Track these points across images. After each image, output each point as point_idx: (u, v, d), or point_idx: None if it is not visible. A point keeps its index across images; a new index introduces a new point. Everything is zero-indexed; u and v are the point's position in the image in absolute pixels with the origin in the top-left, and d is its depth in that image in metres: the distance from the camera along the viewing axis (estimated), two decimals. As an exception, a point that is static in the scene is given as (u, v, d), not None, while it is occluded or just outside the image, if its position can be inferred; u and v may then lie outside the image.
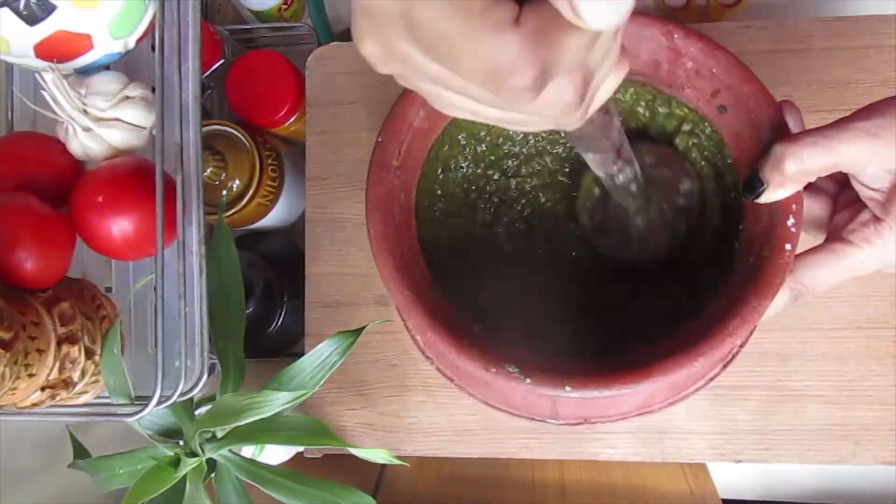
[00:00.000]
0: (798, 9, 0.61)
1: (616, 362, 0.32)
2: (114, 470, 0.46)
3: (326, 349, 0.47)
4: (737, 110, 0.35)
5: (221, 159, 0.57)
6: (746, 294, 0.32)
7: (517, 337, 0.35)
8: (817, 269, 0.32)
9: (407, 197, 0.38)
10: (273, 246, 0.69)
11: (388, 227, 0.36)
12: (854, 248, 0.31)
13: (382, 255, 0.35)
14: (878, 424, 0.48)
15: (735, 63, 0.35)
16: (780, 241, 0.32)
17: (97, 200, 0.40)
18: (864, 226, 0.31)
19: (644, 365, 0.31)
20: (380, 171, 0.36)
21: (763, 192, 0.32)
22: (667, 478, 0.63)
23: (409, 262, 0.36)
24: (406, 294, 0.34)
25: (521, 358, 0.33)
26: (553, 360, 0.33)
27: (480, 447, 0.51)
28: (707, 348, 0.31)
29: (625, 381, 0.31)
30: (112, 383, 0.42)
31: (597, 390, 0.31)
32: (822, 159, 0.30)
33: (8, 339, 0.35)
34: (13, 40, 0.38)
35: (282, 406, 0.43)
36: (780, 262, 0.32)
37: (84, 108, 0.41)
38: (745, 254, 0.34)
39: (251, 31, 0.68)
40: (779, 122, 0.33)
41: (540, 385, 0.32)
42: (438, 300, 0.36)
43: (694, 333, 0.32)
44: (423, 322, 0.34)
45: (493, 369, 0.32)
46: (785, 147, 0.30)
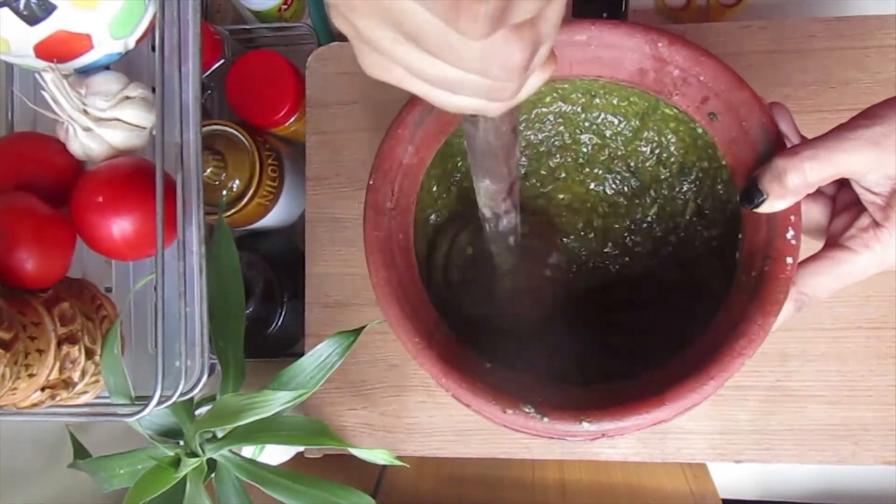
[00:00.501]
0: (798, 9, 0.61)
1: (629, 388, 0.32)
2: (114, 470, 0.46)
3: (326, 349, 0.47)
4: (728, 117, 0.35)
5: (221, 159, 0.57)
6: (752, 312, 0.32)
7: (527, 368, 0.35)
8: (818, 277, 0.32)
9: (405, 237, 0.38)
10: (273, 246, 0.69)
11: (390, 271, 0.36)
12: (854, 255, 0.31)
13: (388, 302, 0.35)
14: (878, 424, 0.48)
15: (723, 69, 0.34)
16: (781, 254, 0.32)
17: (97, 200, 0.40)
18: (864, 231, 0.31)
19: (657, 393, 0.32)
20: (375, 216, 0.36)
21: (762, 202, 0.32)
22: (667, 478, 0.63)
23: (414, 304, 0.36)
24: (416, 341, 0.34)
25: (534, 394, 0.33)
26: (566, 393, 0.33)
27: (480, 447, 0.52)
28: (717, 371, 0.31)
29: (639, 410, 0.31)
30: (112, 383, 0.42)
31: (612, 422, 0.32)
32: (824, 171, 0.29)
33: (8, 339, 0.35)
34: (13, 40, 0.38)
35: (282, 406, 0.43)
36: (783, 276, 0.32)
37: (84, 108, 0.41)
38: (747, 268, 0.34)
39: (251, 31, 0.68)
40: (771, 128, 0.33)
41: (557, 422, 0.32)
42: (447, 341, 0.36)
43: (702, 355, 0.32)
44: (434, 369, 0.34)
45: (510, 411, 0.33)
46: (786, 160, 0.30)
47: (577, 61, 0.36)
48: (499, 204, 0.31)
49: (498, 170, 0.28)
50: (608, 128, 0.42)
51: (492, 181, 0.29)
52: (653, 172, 0.42)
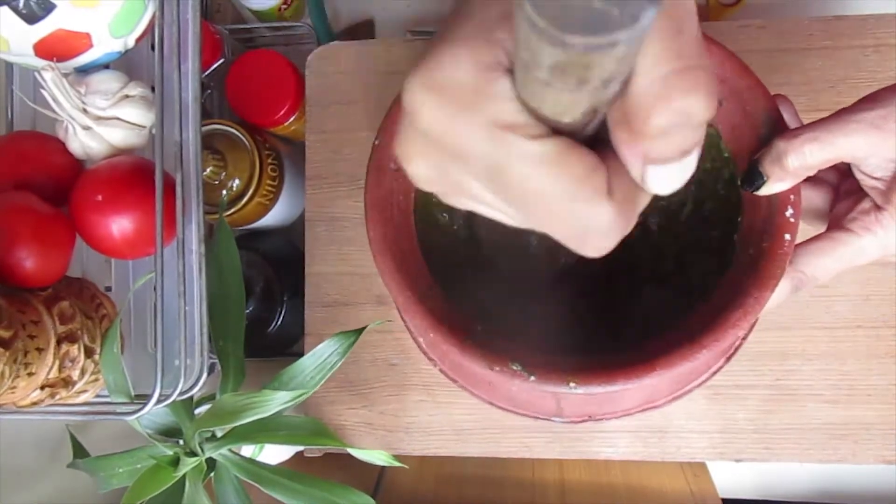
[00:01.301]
0: (798, 9, 0.61)
1: (619, 357, 0.32)
2: (113, 469, 0.46)
3: (327, 349, 0.47)
4: (732, 103, 0.35)
5: (221, 159, 0.57)
6: (748, 286, 0.32)
7: (520, 335, 0.35)
8: (818, 257, 0.32)
9: (406, 199, 0.38)
10: (273, 245, 0.69)
11: (387, 227, 0.36)
12: (854, 237, 0.31)
13: (382, 256, 0.35)
14: (878, 423, 0.48)
15: (729, 57, 0.34)
16: (780, 231, 0.32)
17: (97, 199, 0.40)
18: (865, 214, 0.31)
19: (648, 359, 0.31)
20: (378, 174, 0.36)
21: (762, 185, 0.32)
22: (667, 477, 0.63)
23: (409, 262, 0.36)
24: (407, 295, 0.34)
25: (524, 355, 0.33)
26: (557, 357, 0.33)
27: (480, 446, 0.51)
28: (710, 340, 0.31)
29: (629, 375, 0.31)
30: (112, 382, 0.42)
31: (601, 385, 0.31)
32: (824, 153, 0.29)
33: (7, 337, 0.35)
34: (13, 39, 0.38)
35: (281, 406, 0.43)
36: (780, 252, 0.32)
37: (84, 106, 0.41)
38: (745, 246, 0.34)
39: (251, 31, 0.68)
40: (774, 115, 0.33)
41: (544, 382, 0.32)
42: (440, 300, 0.36)
43: (696, 326, 0.32)
44: (424, 322, 0.34)
45: (497, 367, 0.32)
46: (787, 142, 0.30)
47: None
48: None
49: None
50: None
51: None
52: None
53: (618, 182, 0.18)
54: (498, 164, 0.17)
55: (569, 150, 0.17)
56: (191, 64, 0.40)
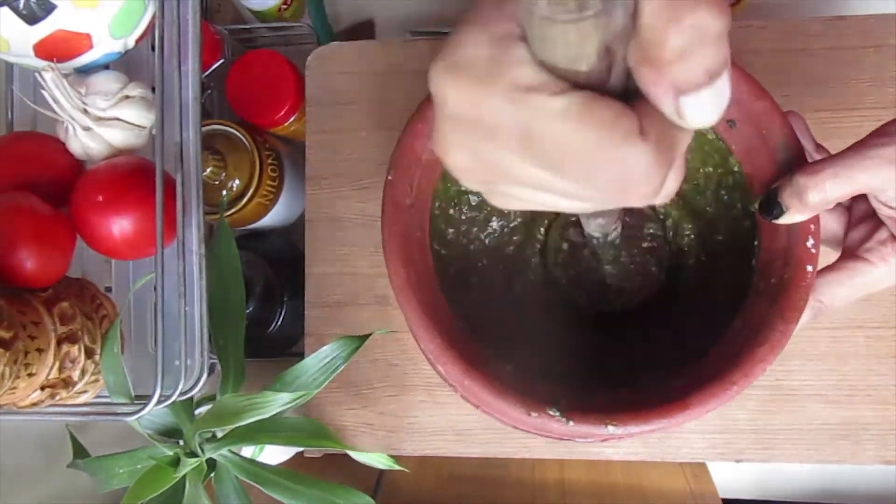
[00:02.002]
0: (798, 9, 0.61)
1: (651, 394, 0.33)
2: (113, 469, 0.46)
3: (330, 352, 0.47)
4: (747, 126, 0.35)
5: (221, 159, 0.57)
6: (772, 319, 0.32)
7: (548, 373, 0.35)
8: (835, 287, 0.33)
9: (422, 234, 0.37)
10: (273, 246, 0.69)
11: (409, 269, 0.35)
12: (872, 267, 0.32)
13: (409, 303, 0.34)
14: (878, 424, 0.48)
15: (744, 77, 0.34)
16: (801, 263, 0.32)
17: (97, 200, 0.40)
18: (882, 245, 0.32)
19: (681, 398, 0.32)
20: (394, 212, 0.35)
21: (781, 215, 0.32)
22: (667, 477, 0.63)
23: (432, 304, 0.35)
24: (438, 342, 0.34)
25: (558, 398, 0.33)
26: (588, 395, 0.33)
27: (480, 447, 0.51)
28: (740, 376, 0.32)
29: (664, 415, 0.32)
30: (112, 382, 0.42)
31: (638, 426, 0.32)
32: (844, 189, 0.30)
33: (8, 338, 0.35)
34: (13, 40, 0.38)
35: (282, 407, 0.43)
36: (803, 285, 0.32)
37: (84, 107, 0.41)
38: (765, 274, 0.34)
39: (251, 31, 0.68)
40: (791, 140, 0.33)
41: (582, 426, 0.32)
42: (465, 341, 0.35)
43: (724, 360, 0.32)
44: (456, 369, 0.33)
45: (535, 413, 0.32)
46: (808, 178, 0.31)
47: None
48: (609, 227, 0.32)
49: (610, 212, 0.30)
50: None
51: (604, 219, 0.31)
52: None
53: (650, 124, 0.17)
54: (527, 128, 0.17)
55: (593, 101, 0.17)
56: (191, 64, 0.40)
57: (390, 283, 0.35)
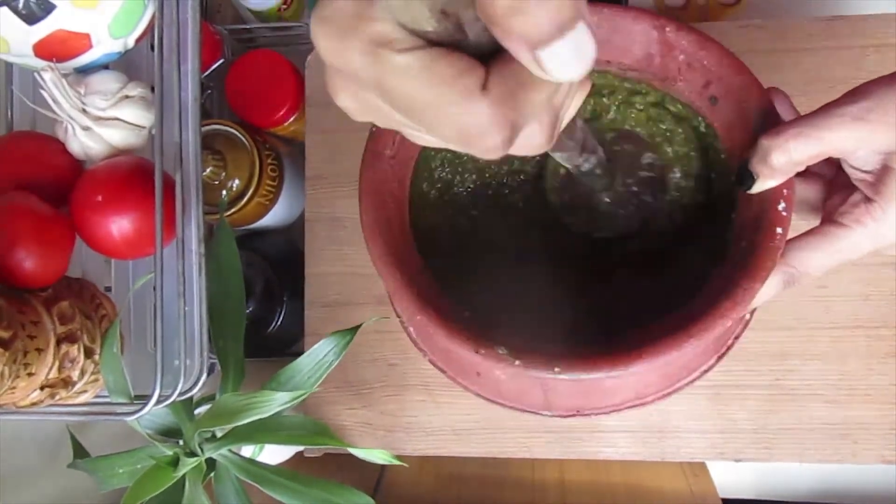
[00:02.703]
0: (798, 9, 0.61)
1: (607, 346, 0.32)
2: (113, 469, 0.46)
3: (323, 349, 0.47)
4: (728, 101, 0.35)
5: (221, 159, 0.57)
6: (738, 277, 0.32)
7: (509, 323, 0.35)
8: (809, 252, 0.32)
9: (401, 186, 0.38)
10: (273, 246, 0.69)
11: (378, 212, 0.36)
12: (846, 230, 0.31)
13: (374, 240, 0.35)
14: (877, 423, 0.48)
15: (726, 54, 0.35)
16: (771, 225, 0.32)
17: (97, 200, 0.40)
18: (855, 207, 0.31)
19: (634, 347, 0.31)
20: (373, 159, 0.36)
21: (753, 184, 0.32)
22: (667, 477, 0.63)
23: (400, 247, 0.36)
24: (396, 277, 0.34)
25: (511, 341, 0.33)
26: (544, 345, 0.33)
27: (480, 447, 0.51)
28: (697, 329, 0.31)
29: (614, 362, 0.31)
30: (111, 382, 0.42)
31: (585, 372, 0.31)
32: (809, 149, 0.29)
33: (7, 338, 0.35)
34: (13, 40, 0.38)
35: (281, 406, 0.43)
36: (771, 245, 0.32)
37: (83, 107, 0.41)
38: (738, 240, 0.34)
39: (251, 31, 0.68)
40: (768, 111, 0.33)
41: (529, 367, 0.32)
42: (430, 285, 0.36)
43: (685, 317, 0.32)
44: (412, 305, 0.33)
45: (483, 350, 0.32)
46: (771, 140, 0.30)
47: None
48: (576, 159, 0.32)
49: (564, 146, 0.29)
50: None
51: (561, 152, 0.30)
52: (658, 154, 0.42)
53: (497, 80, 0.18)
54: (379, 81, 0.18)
55: (439, 57, 0.17)
56: (190, 64, 0.40)
57: (360, 222, 0.35)
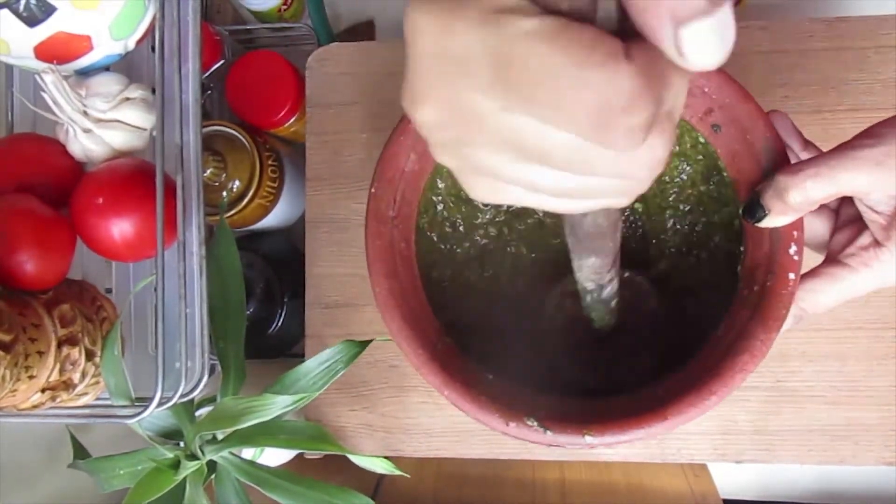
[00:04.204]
0: (799, 9, 0.61)
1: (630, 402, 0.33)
2: (114, 471, 0.46)
3: (332, 356, 0.47)
4: (731, 129, 0.35)
5: (221, 160, 0.57)
6: (753, 328, 0.32)
7: (529, 381, 0.35)
8: (818, 294, 0.32)
9: (407, 245, 0.38)
10: (273, 247, 0.69)
11: (392, 281, 0.35)
12: (853, 273, 0.31)
13: (391, 314, 0.35)
14: (878, 425, 0.48)
15: (727, 81, 0.34)
16: (784, 270, 0.32)
17: (97, 202, 0.40)
18: (864, 250, 0.31)
19: (659, 407, 0.32)
20: (377, 225, 0.36)
21: (763, 217, 0.32)
22: (667, 478, 0.63)
23: (417, 314, 0.36)
24: (419, 353, 0.34)
25: (537, 407, 0.33)
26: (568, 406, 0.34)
27: (481, 448, 0.51)
28: (718, 386, 0.31)
29: (641, 425, 0.32)
30: (112, 385, 0.42)
31: (615, 436, 0.32)
32: (826, 189, 0.29)
33: (8, 340, 0.35)
34: (13, 42, 0.38)
35: (282, 410, 0.43)
36: (785, 293, 0.32)
37: (84, 109, 0.41)
38: (748, 282, 0.34)
39: (251, 32, 0.68)
40: (776, 143, 0.33)
41: (560, 435, 0.32)
42: (449, 350, 0.36)
43: (704, 370, 0.32)
44: (437, 380, 0.34)
45: (513, 424, 0.33)
46: (789, 178, 0.30)
47: None
48: (603, 276, 0.31)
49: (604, 246, 0.27)
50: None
51: (598, 257, 0.29)
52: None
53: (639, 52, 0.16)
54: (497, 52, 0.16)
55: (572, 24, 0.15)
56: (191, 65, 0.40)
57: (374, 297, 0.35)
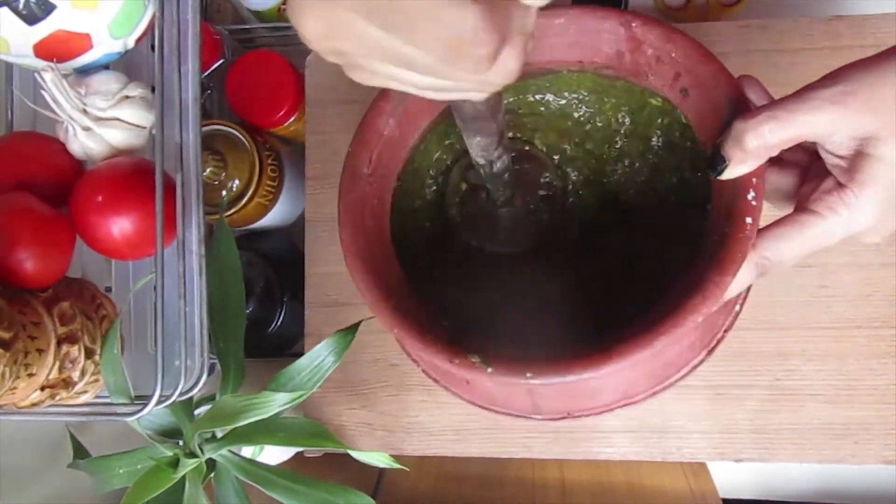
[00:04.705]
0: (798, 9, 0.61)
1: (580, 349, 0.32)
2: (113, 470, 0.46)
3: (323, 350, 0.47)
4: (698, 91, 0.35)
5: (221, 159, 0.57)
6: (708, 271, 0.31)
7: (488, 330, 0.36)
8: (782, 242, 0.31)
9: (381, 203, 0.39)
10: (273, 246, 0.69)
11: (358, 230, 0.37)
12: (818, 218, 0.30)
13: (352, 258, 0.36)
14: (878, 423, 0.48)
15: (692, 45, 0.34)
16: (741, 215, 0.31)
17: (97, 200, 0.40)
18: (828, 194, 0.30)
19: (605, 347, 0.31)
20: (351, 180, 0.37)
21: (725, 168, 0.31)
22: (667, 477, 0.63)
23: (380, 264, 0.37)
24: (374, 293, 0.35)
25: (485, 349, 0.33)
26: (519, 350, 0.33)
27: (480, 446, 0.51)
28: (668, 326, 0.31)
29: (584, 365, 0.31)
30: (112, 383, 0.42)
31: (557, 376, 0.31)
32: (784, 132, 0.29)
33: (8, 338, 0.35)
34: (13, 40, 0.38)
35: (280, 407, 0.43)
36: (741, 236, 0.31)
37: (84, 107, 0.41)
38: (711, 234, 0.34)
39: (251, 31, 0.68)
40: (739, 99, 0.33)
41: (501, 373, 0.32)
42: (409, 298, 0.36)
43: (658, 315, 0.32)
44: (390, 319, 0.34)
45: (457, 360, 0.33)
46: (745, 122, 0.29)
47: (558, 46, 0.38)
48: (492, 152, 0.33)
49: (487, 127, 0.30)
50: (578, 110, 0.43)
51: (482, 137, 0.31)
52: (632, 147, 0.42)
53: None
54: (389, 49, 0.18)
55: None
56: (191, 64, 0.40)
57: (340, 244, 0.36)
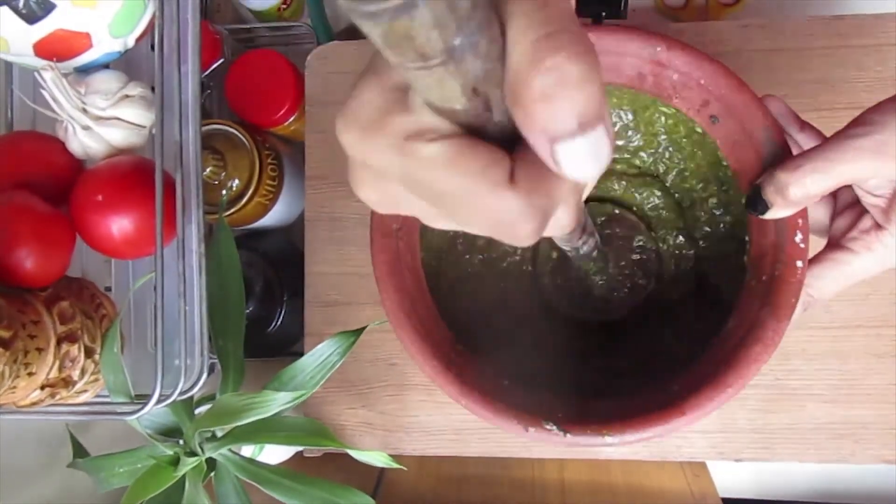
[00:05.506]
0: (798, 8, 0.61)
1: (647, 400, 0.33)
2: (113, 469, 0.46)
3: (326, 349, 0.47)
4: (729, 120, 0.35)
5: (221, 158, 0.57)
6: (765, 318, 0.32)
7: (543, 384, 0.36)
8: (824, 279, 0.33)
9: (413, 257, 0.38)
10: (272, 245, 0.69)
11: (401, 294, 0.36)
12: (856, 257, 0.32)
13: (402, 328, 0.35)
14: (878, 423, 0.48)
15: (723, 73, 0.34)
16: (791, 258, 0.32)
17: (97, 199, 0.40)
18: (866, 233, 0.32)
19: (677, 403, 0.32)
20: (382, 239, 0.36)
21: (766, 211, 0.32)
22: (667, 477, 0.63)
23: (428, 326, 0.36)
24: (434, 364, 0.34)
25: (553, 410, 0.33)
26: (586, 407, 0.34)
27: (480, 446, 0.51)
28: (734, 378, 0.32)
29: (660, 422, 0.32)
30: (112, 382, 0.42)
31: (634, 434, 0.32)
32: (826, 182, 0.30)
33: (7, 337, 0.35)
34: (12, 39, 0.38)
35: (281, 406, 0.43)
36: (794, 281, 0.32)
37: (83, 106, 0.41)
38: (756, 272, 0.34)
39: (251, 31, 0.68)
40: (773, 130, 0.33)
41: (579, 437, 0.33)
42: (464, 361, 0.36)
43: (718, 363, 0.32)
44: (453, 390, 0.34)
45: (532, 429, 0.33)
46: (788, 174, 0.30)
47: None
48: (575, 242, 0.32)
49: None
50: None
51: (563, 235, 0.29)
52: (655, 171, 0.42)
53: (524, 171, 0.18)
54: (407, 174, 0.18)
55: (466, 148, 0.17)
56: (191, 64, 0.40)
57: (384, 309, 0.35)
